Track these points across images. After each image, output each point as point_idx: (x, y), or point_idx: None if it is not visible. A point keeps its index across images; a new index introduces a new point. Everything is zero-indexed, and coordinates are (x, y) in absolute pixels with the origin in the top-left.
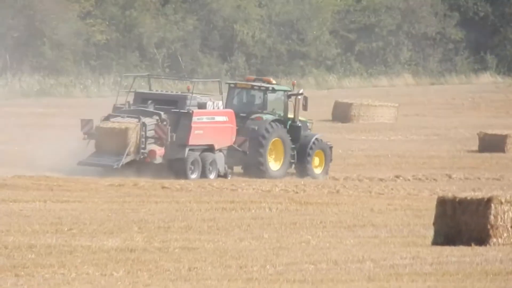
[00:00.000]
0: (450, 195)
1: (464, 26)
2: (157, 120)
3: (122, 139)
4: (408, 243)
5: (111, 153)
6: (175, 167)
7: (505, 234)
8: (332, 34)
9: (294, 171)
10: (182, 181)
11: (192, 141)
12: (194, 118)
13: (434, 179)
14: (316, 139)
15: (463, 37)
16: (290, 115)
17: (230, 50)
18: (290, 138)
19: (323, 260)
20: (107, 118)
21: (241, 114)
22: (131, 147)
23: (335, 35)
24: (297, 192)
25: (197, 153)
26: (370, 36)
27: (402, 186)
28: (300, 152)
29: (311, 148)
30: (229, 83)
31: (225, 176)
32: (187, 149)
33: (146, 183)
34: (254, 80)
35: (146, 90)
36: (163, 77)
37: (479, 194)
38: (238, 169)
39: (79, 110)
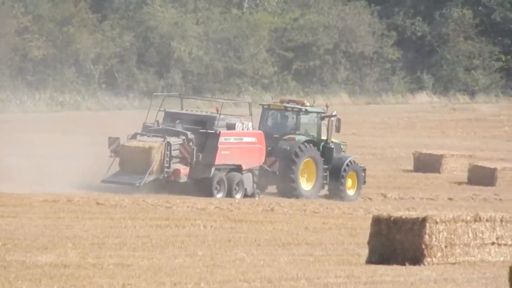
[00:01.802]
0: (385, 214)
1: (401, 46)
2: (183, 139)
3: (145, 158)
4: (342, 261)
5: (134, 172)
6: (201, 186)
7: (439, 254)
8: (269, 52)
9: (327, 192)
10: (117, 198)
11: (218, 161)
12: (221, 139)
13: (369, 198)
14: (350, 161)
15: (400, 57)
16: (324, 137)
17: (166, 67)
18: (322, 159)
19: (257, 278)
20: (133, 137)
21: (274, 135)
22: (154, 166)
23: (272, 53)
24: (231, 210)
25: (223, 173)
26: (307, 54)
27: (336, 205)
28: (334, 173)
29: (344, 170)
30: (263, 105)
31: (252, 196)
32: (213, 169)
33: (80, 199)
34: (288, 102)
35: (176, 110)
36: (194, 97)
37: (414, 214)
38: (271, 189)
39: (15, 125)
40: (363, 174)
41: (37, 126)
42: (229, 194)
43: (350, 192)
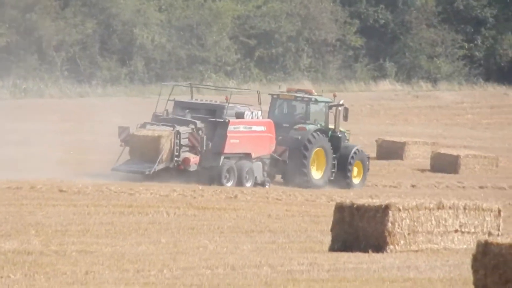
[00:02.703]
0: (348, 201)
1: (364, 34)
2: (192, 128)
3: (154, 146)
4: (305, 249)
5: (144, 160)
6: (210, 175)
7: (402, 241)
8: (232, 40)
9: (333, 180)
10: (80, 185)
11: (228, 149)
12: (230, 127)
13: (332, 186)
14: (356, 149)
15: (363, 45)
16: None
17: (129, 54)
18: (331, 148)
19: (220, 265)
20: (143, 126)
21: (284, 124)
22: (164, 155)
23: (235, 41)
24: (194, 197)
25: (233, 161)
26: (270, 42)
27: (299, 192)
28: (341, 162)
29: (352, 158)
30: (272, 94)
31: (262, 184)
32: (222, 157)
33: (43, 186)
34: (296, 91)
35: (186, 99)
36: (204, 86)
37: (377, 201)
38: (278, 178)
39: None
40: (368, 162)
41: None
42: (239, 182)
43: (356, 180)
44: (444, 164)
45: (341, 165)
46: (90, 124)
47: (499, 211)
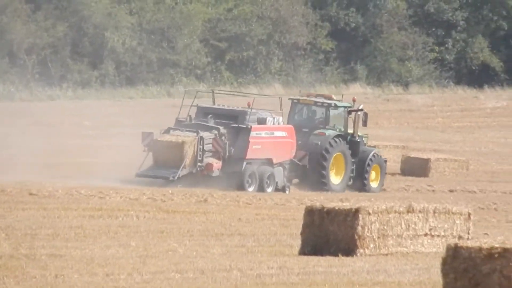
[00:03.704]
0: (318, 205)
1: (334, 37)
2: (215, 134)
3: (178, 152)
4: (275, 252)
5: (168, 166)
6: (233, 180)
7: (371, 245)
8: (203, 43)
9: (351, 184)
10: (50, 188)
11: (250, 155)
12: (252, 133)
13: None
14: (374, 154)
15: (334, 48)
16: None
17: (100, 57)
18: (350, 152)
19: (190, 269)
20: (167, 131)
21: (303, 129)
22: (187, 160)
23: (205, 44)
24: (164, 201)
25: (254, 167)
26: (240, 45)
27: (269, 196)
28: (359, 166)
29: (369, 163)
30: (292, 99)
31: (283, 189)
32: (244, 163)
33: (13, 189)
34: (315, 96)
35: (208, 105)
36: (226, 92)
37: (347, 205)
38: (294, 182)
39: None
40: (385, 166)
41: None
42: (261, 187)
43: (374, 184)
44: (415, 168)
45: (359, 170)
46: (61, 127)
47: (469, 215)
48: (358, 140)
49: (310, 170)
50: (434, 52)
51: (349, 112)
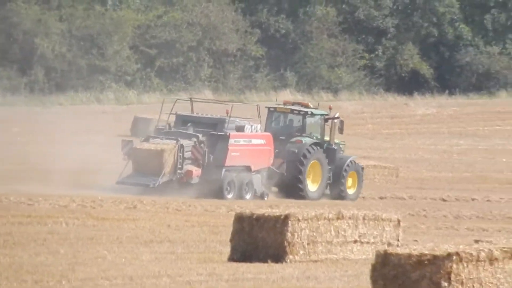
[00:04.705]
0: (247, 211)
1: (265, 43)
2: (195, 142)
3: (158, 160)
4: (204, 259)
5: (148, 173)
6: (212, 187)
7: (301, 251)
8: (133, 49)
9: (329, 192)
10: None
11: (229, 162)
12: (231, 141)
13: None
14: (350, 161)
15: (264, 54)
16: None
17: (29, 64)
18: (327, 160)
19: (119, 276)
20: (146, 140)
21: (280, 137)
22: (167, 168)
23: (135, 50)
24: (94, 207)
25: (233, 174)
26: (170, 52)
27: (199, 203)
28: (335, 173)
29: (345, 170)
30: (269, 107)
31: (261, 196)
32: (223, 170)
33: None
34: (292, 104)
35: (187, 113)
36: (203, 100)
37: (276, 211)
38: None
39: None
40: (362, 173)
41: None
42: (239, 195)
43: (350, 191)
44: None
45: (336, 177)
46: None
47: (399, 221)
48: (335, 147)
49: (287, 177)
50: (364, 59)
51: (326, 120)
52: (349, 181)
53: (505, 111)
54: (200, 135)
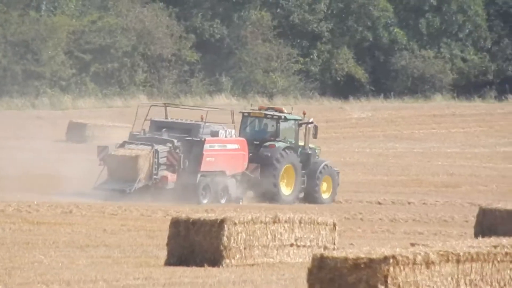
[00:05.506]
0: (183, 216)
1: (199, 48)
2: (170, 147)
3: (132, 166)
4: (141, 263)
5: (123, 179)
6: (187, 192)
7: (238, 255)
8: (67, 55)
9: (303, 195)
10: None
11: (204, 167)
12: (206, 146)
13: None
14: (325, 165)
15: (199, 59)
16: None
17: None
18: (301, 164)
19: (56, 280)
20: (122, 145)
21: (255, 142)
22: (143, 173)
23: (70, 56)
24: (30, 212)
25: (208, 179)
26: (105, 57)
27: (135, 207)
28: (310, 177)
29: (320, 174)
30: (243, 112)
31: (236, 201)
32: (199, 175)
33: None
34: (266, 109)
35: (162, 119)
36: (177, 106)
37: (212, 215)
38: (248, 194)
39: None
40: (338, 177)
41: None
42: (215, 199)
43: (325, 195)
44: None
45: (310, 181)
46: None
47: (334, 225)
48: (309, 152)
49: (261, 182)
50: (299, 63)
51: (300, 125)
52: (324, 185)
53: (440, 115)
54: (175, 141)
